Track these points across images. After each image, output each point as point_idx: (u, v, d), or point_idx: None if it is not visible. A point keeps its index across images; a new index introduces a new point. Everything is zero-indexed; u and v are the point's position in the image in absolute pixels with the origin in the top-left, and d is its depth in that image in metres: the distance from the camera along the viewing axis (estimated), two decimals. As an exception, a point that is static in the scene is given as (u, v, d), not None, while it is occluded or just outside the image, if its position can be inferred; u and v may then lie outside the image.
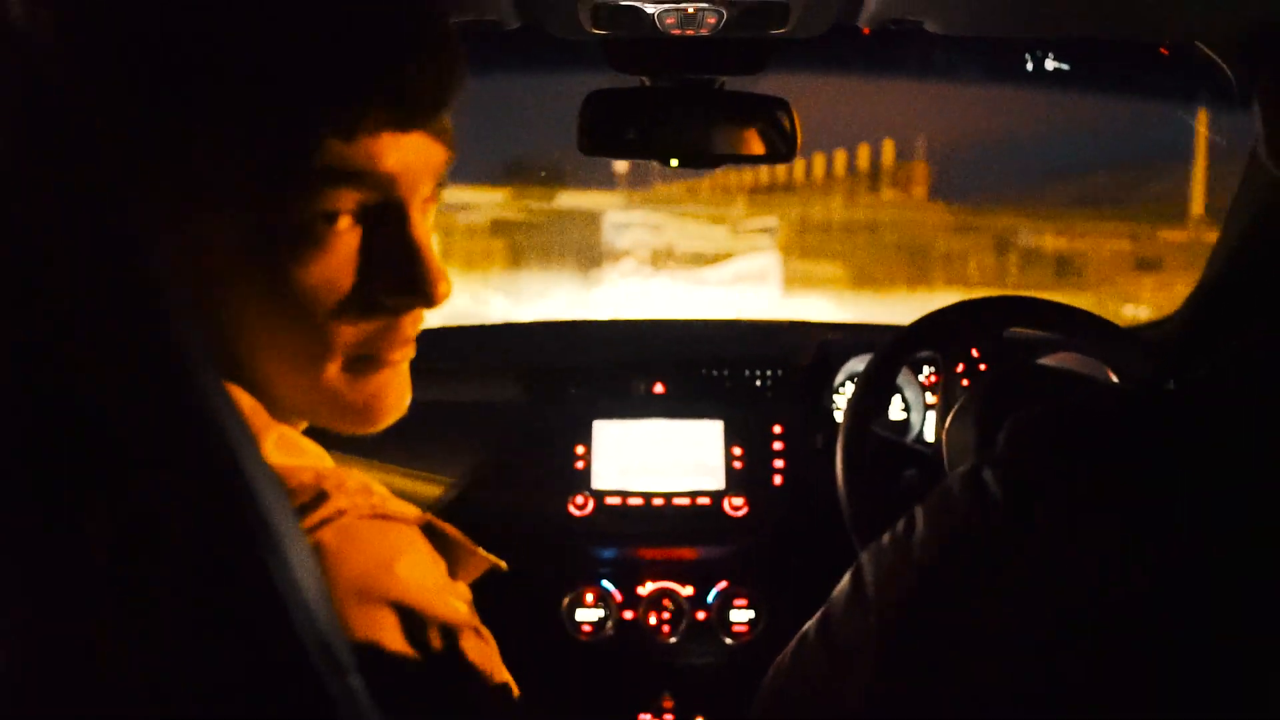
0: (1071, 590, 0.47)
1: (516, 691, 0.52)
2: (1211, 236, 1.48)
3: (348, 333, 0.50)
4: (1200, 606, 0.43)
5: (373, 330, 0.51)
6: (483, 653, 0.49)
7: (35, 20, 0.38)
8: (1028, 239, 3.98)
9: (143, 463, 0.28)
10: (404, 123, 0.49)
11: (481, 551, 0.52)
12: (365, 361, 0.52)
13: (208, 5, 0.45)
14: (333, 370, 0.51)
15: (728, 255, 3.52)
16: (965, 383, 1.67)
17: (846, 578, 0.62)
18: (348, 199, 0.48)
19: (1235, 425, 0.46)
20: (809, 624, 0.67)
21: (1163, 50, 1.42)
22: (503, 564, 0.53)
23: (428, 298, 0.51)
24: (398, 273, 0.50)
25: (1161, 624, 0.44)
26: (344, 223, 0.48)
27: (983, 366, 1.66)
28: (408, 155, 0.50)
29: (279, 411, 0.51)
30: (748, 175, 3.81)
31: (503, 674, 0.50)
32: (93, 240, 0.27)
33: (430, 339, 0.58)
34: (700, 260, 3.68)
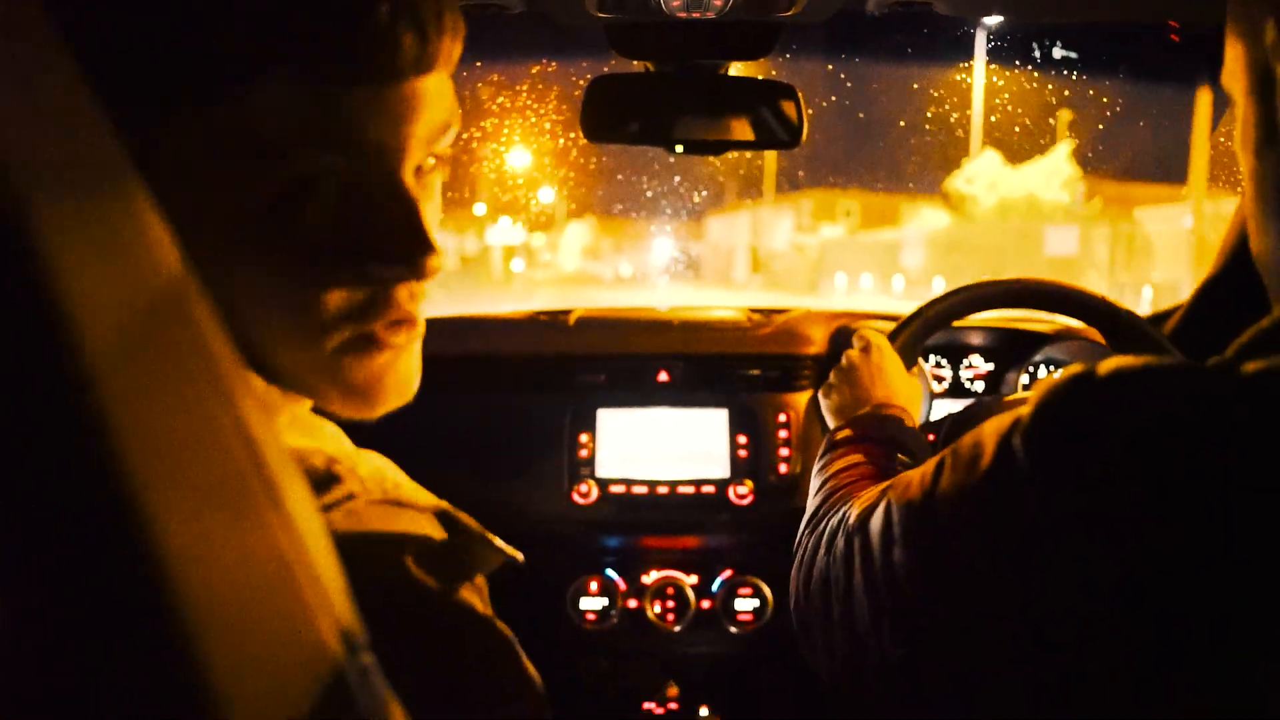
0: (1090, 581, 0.45)
1: (540, 684, 0.50)
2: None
3: (339, 306, 0.48)
4: (1250, 599, 0.41)
5: (365, 304, 0.49)
6: (496, 647, 0.48)
7: None
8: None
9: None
10: (376, 79, 0.45)
11: (499, 542, 0.50)
12: (364, 341, 0.50)
13: None
14: (330, 348, 0.49)
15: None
16: (971, 373, 1.66)
17: (879, 512, 0.62)
18: (323, 164, 0.45)
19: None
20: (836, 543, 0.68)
21: (1174, 38, 1.41)
22: (519, 556, 0.51)
23: (414, 267, 0.49)
24: (383, 241, 0.48)
25: (1201, 614, 0.42)
26: (323, 191, 0.46)
27: (988, 365, 1.66)
28: (389, 119, 0.47)
29: (288, 389, 0.50)
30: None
31: (519, 668, 0.49)
32: None
33: (433, 328, 0.57)
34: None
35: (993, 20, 1.12)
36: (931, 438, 1.20)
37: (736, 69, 1.25)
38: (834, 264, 28.62)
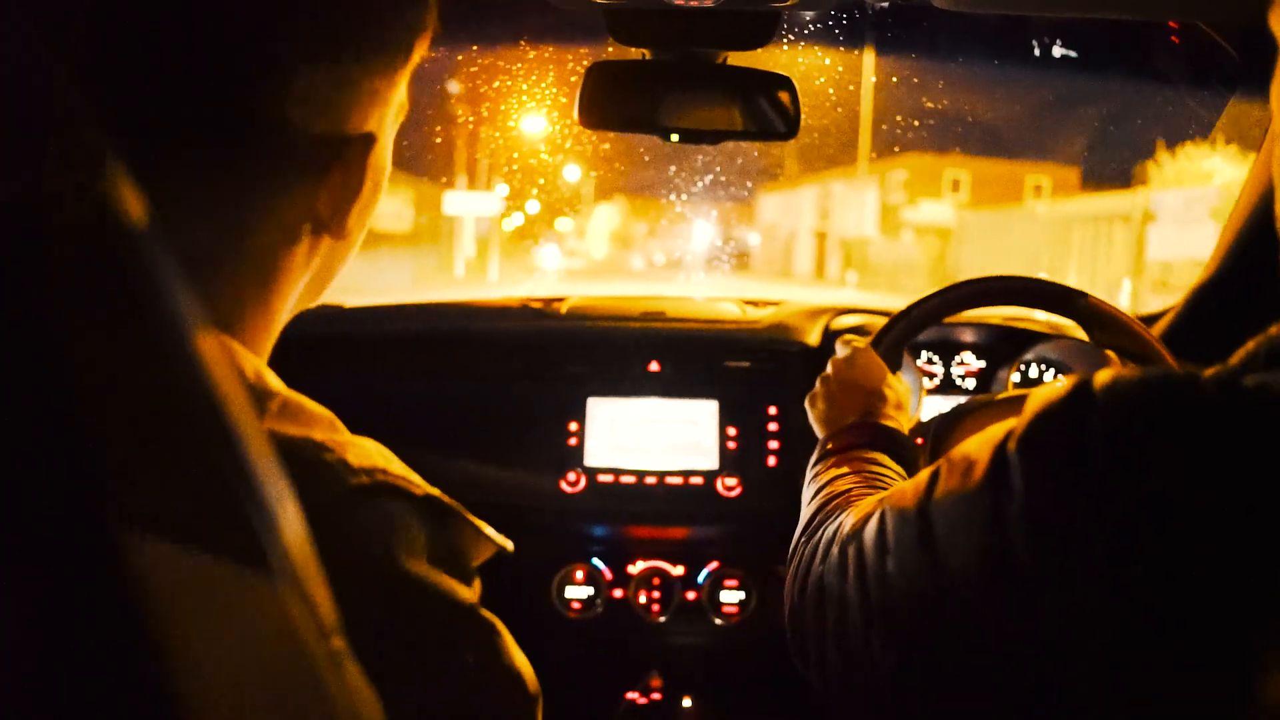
0: (1082, 593, 0.44)
1: (530, 675, 0.49)
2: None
3: None
4: (1249, 617, 0.40)
5: None
6: (483, 637, 0.47)
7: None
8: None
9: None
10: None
11: (489, 531, 0.50)
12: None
13: None
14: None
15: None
16: (963, 370, 1.66)
17: (873, 520, 0.62)
18: None
19: None
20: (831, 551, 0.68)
21: (1174, 39, 1.40)
22: (509, 545, 0.51)
23: None
24: None
25: (1197, 630, 0.41)
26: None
27: (980, 362, 1.65)
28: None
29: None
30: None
31: (506, 659, 0.48)
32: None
33: (427, 313, 0.57)
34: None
35: None
36: (920, 441, 1.20)
37: (739, 58, 1.24)
38: (979, 259, 18.59)
